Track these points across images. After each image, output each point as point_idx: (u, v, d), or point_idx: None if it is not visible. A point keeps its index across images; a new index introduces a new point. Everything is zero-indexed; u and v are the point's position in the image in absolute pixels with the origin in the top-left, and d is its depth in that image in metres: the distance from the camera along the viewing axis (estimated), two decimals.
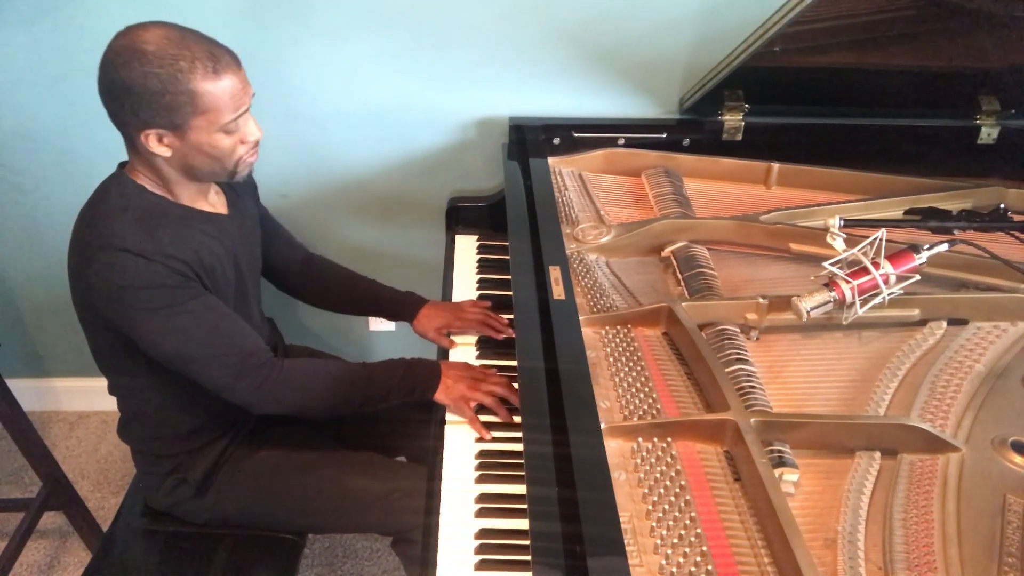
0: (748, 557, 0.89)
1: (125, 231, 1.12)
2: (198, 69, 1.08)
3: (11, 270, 2.03)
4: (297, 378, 1.26)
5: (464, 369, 1.34)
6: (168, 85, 1.07)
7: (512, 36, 1.67)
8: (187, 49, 1.08)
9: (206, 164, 1.17)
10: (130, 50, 1.06)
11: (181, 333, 1.16)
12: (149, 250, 1.12)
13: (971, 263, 1.30)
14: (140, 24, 1.09)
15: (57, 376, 2.26)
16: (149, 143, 1.12)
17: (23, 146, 1.81)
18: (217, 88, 1.10)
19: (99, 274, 1.11)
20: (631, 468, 1.00)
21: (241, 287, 1.31)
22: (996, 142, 1.67)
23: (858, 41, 1.52)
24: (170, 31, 1.09)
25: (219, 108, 1.11)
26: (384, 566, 1.92)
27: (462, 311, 1.50)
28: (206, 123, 1.11)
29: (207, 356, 1.18)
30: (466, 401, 1.28)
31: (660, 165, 1.64)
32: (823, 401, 1.11)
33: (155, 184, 1.20)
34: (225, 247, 1.26)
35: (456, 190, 1.88)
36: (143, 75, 1.06)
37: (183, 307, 1.15)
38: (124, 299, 1.12)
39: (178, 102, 1.08)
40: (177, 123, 1.10)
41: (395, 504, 1.33)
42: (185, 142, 1.13)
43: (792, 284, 1.34)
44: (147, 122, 1.10)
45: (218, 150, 1.15)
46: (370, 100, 1.76)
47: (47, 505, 1.74)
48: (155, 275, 1.12)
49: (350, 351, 1.70)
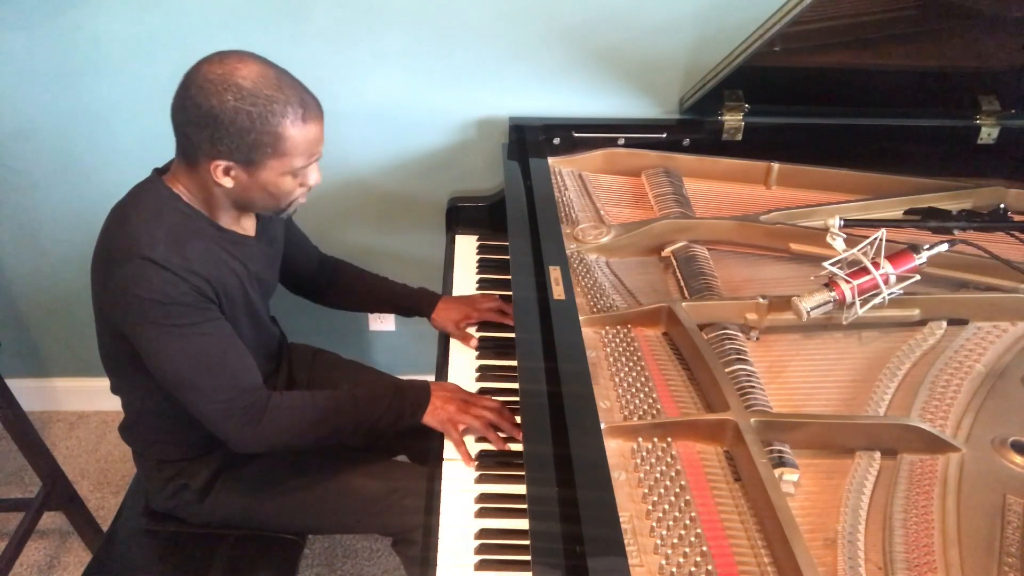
0: (748, 557, 0.89)
1: (154, 240, 1.11)
2: (288, 114, 1.08)
3: (11, 270, 2.03)
4: (283, 418, 1.21)
5: (454, 391, 1.30)
6: (257, 124, 1.07)
7: (512, 36, 1.67)
8: (282, 92, 1.08)
9: (262, 200, 1.18)
10: (225, 81, 1.05)
11: (185, 354, 1.13)
12: (175, 264, 1.10)
13: (971, 263, 1.30)
14: (236, 54, 1.09)
15: (57, 376, 2.26)
16: (215, 173, 1.11)
17: (23, 146, 1.81)
18: (301, 135, 1.10)
19: (120, 280, 1.10)
20: (631, 468, 1.00)
21: (254, 307, 1.31)
22: (996, 142, 1.67)
23: (858, 41, 1.52)
24: (267, 69, 1.09)
25: (297, 154, 1.12)
26: (384, 566, 1.92)
27: (477, 303, 1.51)
28: (279, 165, 1.12)
29: (203, 384, 1.15)
30: (453, 424, 1.24)
31: (660, 165, 1.64)
32: (823, 401, 1.11)
33: (194, 198, 1.18)
34: (249, 270, 1.26)
35: (456, 190, 1.87)
36: (234, 109, 1.05)
37: (196, 328, 1.13)
38: (139, 309, 1.10)
39: (261, 142, 1.08)
40: (252, 160, 1.10)
41: (395, 504, 1.33)
42: (252, 179, 1.13)
43: (792, 284, 1.33)
44: (222, 153, 1.09)
45: (280, 191, 1.16)
46: (370, 100, 1.76)
47: (47, 505, 1.74)
48: (176, 291, 1.10)
49: (350, 351, 1.70)
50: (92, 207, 1.92)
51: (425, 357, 1.67)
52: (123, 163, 1.83)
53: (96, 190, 1.87)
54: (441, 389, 1.29)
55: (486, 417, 1.24)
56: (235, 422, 1.18)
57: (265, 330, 1.39)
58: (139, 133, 1.79)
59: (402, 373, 1.65)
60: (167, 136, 1.14)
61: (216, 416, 1.17)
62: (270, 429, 1.20)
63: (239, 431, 1.18)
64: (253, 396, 1.19)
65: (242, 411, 1.18)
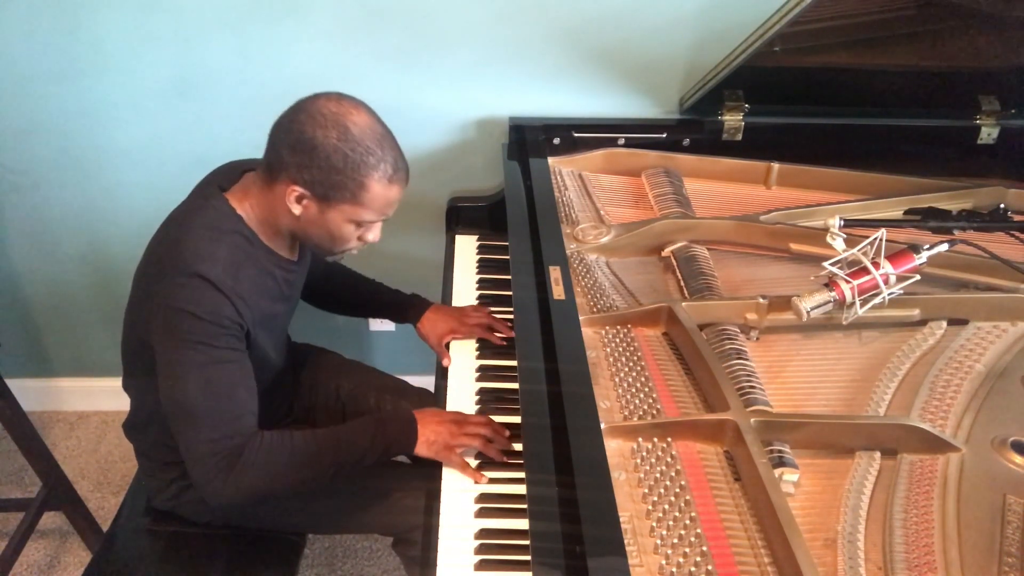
0: (748, 557, 0.89)
1: (213, 261, 1.11)
2: (380, 169, 1.12)
3: (11, 270, 2.02)
4: (260, 459, 1.15)
5: (440, 416, 1.25)
6: (348, 168, 1.10)
7: (512, 36, 1.67)
8: (381, 148, 1.12)
9: (319, 239, 1.19)
10: (337, 120, 1.09)
11: (201, 378, 1.11)
12: (228, 287, 1.11)
13: (971, 263, 1.30)
14: (354, 101, 1.14)
15: (57, 376, 2.26)
16: (289, 197, 1.13)
17: (23, 146, 1.81)
18: (382, 192, 1.13)
19: (168, 290, 1.10)
20: (631, 468, 1.00)
21: (279, 329, 1.33)
22: (996, 142, 1.67)
23: (858, 41, 1.53)
24: (376, 124, 1.14)
25: (371, 208, 1.14)
26: (384, 566, 1.92)
27: (466, 316, 1.49)
28: (350, 212, 1.14)
29: (204, 413, 1.12)
30: (451, 449, 1.20)
31: (660, 165, 1.64)
32: (823, 401, 1.11)
33: (254, 219, 1.19)
34: (284, 295, 1.27)
35: (456, 190, 1.87)
36: (335, 148, 1.09)
37: (220, 354, 1.12)
38: (175, 321, 1.09)
39: (344, 185, 1.11)
40: (328, 198, 1.12)
41: (395, 504, 1.33)
42: (319, 214, 1.14)
43: (792, 284, 1.33)
44: (304, 181, 1.11)
45: (339, 236, 1.18)
46: (370, 100, 1.74)
47: (47, 505, 1.74)
48: (219, 313, 1.10)
49: (351, 351, 1.70)
50: (93, 207, 1.92)
51: (425, 357, 1.67)
52: (123, 163, 1.83)
53: (96, 190, 1.87)
54: (427, 418, 1.24)
55: (481, 434, 1.21)
56: (214, 464, 1.12)
57: (284, 350, 1.40)
58: (139, 133, 1.78)
59: (402, 373, 1.65)
60: (167, 136, 1.15)
61: (199, 452, 1.13)
62: (245, 473, 1.13)
63: (215, 475, 1.13)
64: (241, 439, 1.14)
65: (224, 453, 1.13)
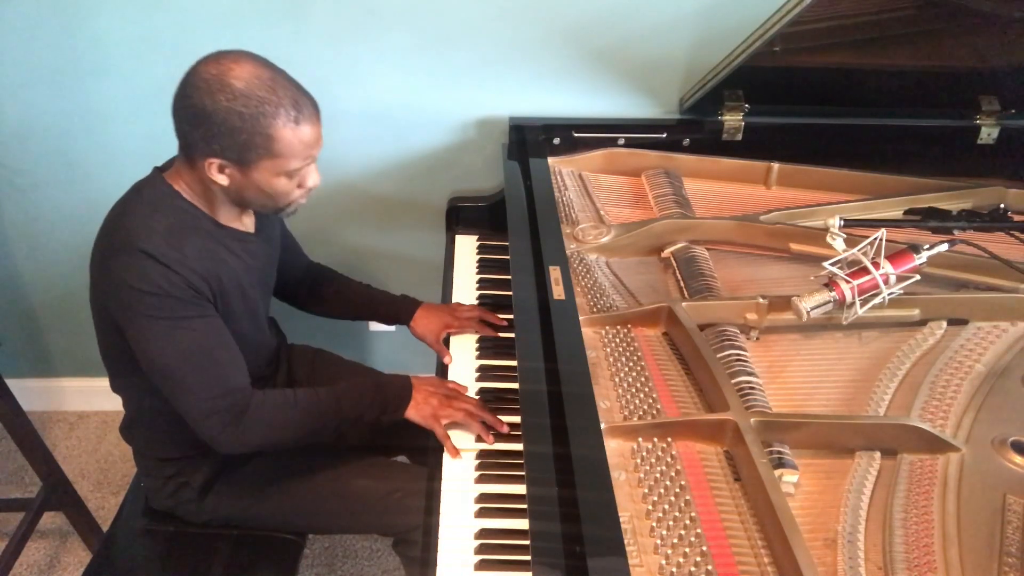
0: (748, 557, 0.89)
1: (152, 234, 1.12)
2: (280, 115, 1.08)
3: (11, 269, 2.02)
4: (265, 417, 1.21)
5: (436, 385, 1.30)
6: (248, 125, 1.07)
7: (512, 36, 1.67)
8: (274, 93, 1.08)
9: (258, 199, 1.18)
10: (219, 81, 1.06)
11: (175, 347, 1.13)
12: (171, 258, 1.11)
13: (971, 263, 1.30)
14: (232, 54, 1.09)
15: (57, 376, 2.26)
16: (210, 171, 1.12)
17: (23, 146, 1.81)
18: (294, 137, 1.10)
19: (117, 271, 1.11)
20: (631, 468, 1.00)
21: (253, 305, 1.31)
22: (996, 142, 1.67)
23: (858, 41, 1.53)
24: (261, 70, 1.09)
25: (290, 155, 1.11)
26: (384, 566, 1.92)
27: (458, 311, 1.50)
28: (273, 166, 1.12)
29: (190, 379, 1.15)
30: (437, 418, 1.25)
31: (660, 165, 1.64)
32: (823, 401, 1.11)
33: (194, 195, 1.19)
34: (247, 267, 1.26)
35: (456, 190, 1.87)
36: (226, 110, 1.06)
37: (188, 323, 1.14)
38: (133, 300, 1.11)
39: (253, 143, 1.08)
40: (245, 160, 1.10)
41: (395, 504, 1.33)
42: (246, 178, 1.13)
43: (792, 284, 1.33)
44: (215, 152, 1.10)
45: (275, 191, 1.16)
46: (370, 100, 1.76)
47: (47, 505, 1.73)
48: (171, 285, 1.11)
49: (350, 351, 1.70)
50: (93, 207, 1.90)
51: (425, 357, 1.67)
52: (123, 163, 1.82)
53: (96, 190, 1.87)
54: (423, 384, 1.30)
55: (468, 409, 1.25)
56: (218, 421, 1.17)
57: (264, 330, 1.39)
58: (139, 133, 1.79)
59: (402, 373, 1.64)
60: (167, 136, 1.15)
61: (199, 414, 1.17)
62: (252, 429, 1.19)
63: (221, 431, 1.18)
64: (236, 396, 1.18)
65: (225, 410, 1.17)
